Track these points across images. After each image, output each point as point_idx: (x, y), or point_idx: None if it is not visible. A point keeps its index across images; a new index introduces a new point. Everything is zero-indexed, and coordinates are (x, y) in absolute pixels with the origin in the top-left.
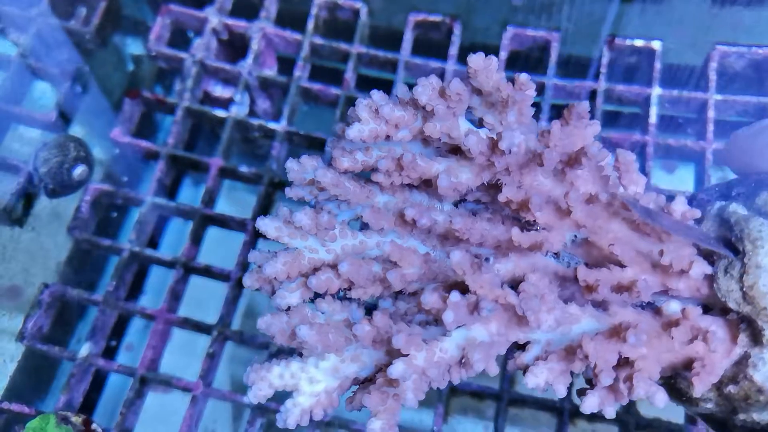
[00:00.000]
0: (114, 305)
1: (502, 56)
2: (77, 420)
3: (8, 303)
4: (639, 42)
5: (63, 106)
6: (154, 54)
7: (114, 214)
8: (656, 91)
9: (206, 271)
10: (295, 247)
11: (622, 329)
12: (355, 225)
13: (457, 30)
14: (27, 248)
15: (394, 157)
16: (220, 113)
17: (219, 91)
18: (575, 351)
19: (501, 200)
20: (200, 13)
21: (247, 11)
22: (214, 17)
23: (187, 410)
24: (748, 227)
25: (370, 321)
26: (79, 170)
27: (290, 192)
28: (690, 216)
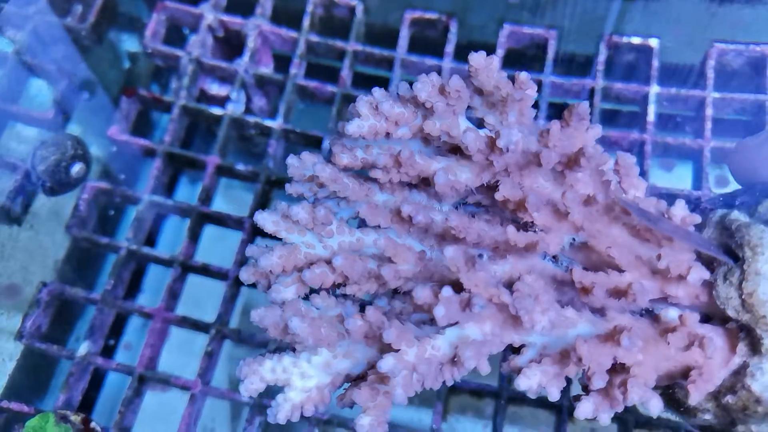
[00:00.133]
0: (112, 304)
1: (499, 54)
2: (76, 419)
3: (7, 302)
4: (636, 39)
5: (60, 104)
6: (150, 51)
7: (111, 213)
8: (654, 89)
9: (204, 270)
10: (293, 242)
11: (617, 333)
12: (354, 223)
13: (454, 27)
14: (25, 246)
15: (393, 154)
16: (217, 111)
17: (215, 89)
18: (570, 355)
19: (498, 199)
20: (196, 10)
21: (243, 8)
22: (210, 14)
23: (186, 409)
24: (749, 234)
25: (363, 316)
26: (77, 168)
27: (290, 188)
28: (690, 221)
